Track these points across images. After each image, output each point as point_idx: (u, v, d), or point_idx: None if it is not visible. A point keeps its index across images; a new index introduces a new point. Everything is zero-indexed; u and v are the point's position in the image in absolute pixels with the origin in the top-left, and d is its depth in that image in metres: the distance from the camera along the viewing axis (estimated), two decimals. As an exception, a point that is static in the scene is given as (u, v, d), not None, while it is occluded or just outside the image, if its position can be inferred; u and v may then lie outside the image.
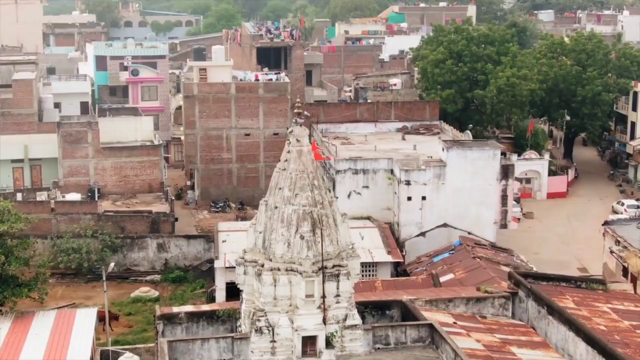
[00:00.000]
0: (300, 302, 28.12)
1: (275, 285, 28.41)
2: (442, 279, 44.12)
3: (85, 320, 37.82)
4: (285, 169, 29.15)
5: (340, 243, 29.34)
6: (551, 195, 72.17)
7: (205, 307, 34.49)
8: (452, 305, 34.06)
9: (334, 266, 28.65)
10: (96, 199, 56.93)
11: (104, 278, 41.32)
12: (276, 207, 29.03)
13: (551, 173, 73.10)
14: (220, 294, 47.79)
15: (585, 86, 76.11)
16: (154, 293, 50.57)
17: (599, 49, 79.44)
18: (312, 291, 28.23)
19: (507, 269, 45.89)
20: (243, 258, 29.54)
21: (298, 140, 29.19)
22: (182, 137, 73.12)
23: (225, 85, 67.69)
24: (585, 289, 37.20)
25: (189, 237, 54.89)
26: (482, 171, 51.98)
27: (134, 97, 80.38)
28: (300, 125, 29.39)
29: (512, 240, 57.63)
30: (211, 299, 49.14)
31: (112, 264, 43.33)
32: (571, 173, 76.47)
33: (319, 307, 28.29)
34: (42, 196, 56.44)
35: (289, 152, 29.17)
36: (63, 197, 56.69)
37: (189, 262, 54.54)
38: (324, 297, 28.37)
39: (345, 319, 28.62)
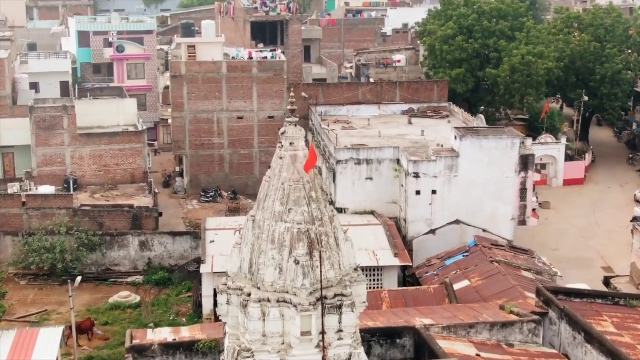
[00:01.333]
0: (295, 341, 23.06)
1: (264, 320, 23.35)
2: (455, 286, 39.21)
3: (48, 341, 32.76)
4: (276, 178, 23.99)
5: (343, 266, 24.27)
6: (567, 182, 67.04)
7: (185, 333, 29.48)
8: (473, 331, 29.09)
9: (335, 295, 23.56)
10: (71, 190, 51.69)
11: (70, 293, 36.24)
12: (265, 225, 23.90)
13: (567, 157, 67.91)
14: (208, 301, 42.85)
15: (605, 64, 70.73)
16: (135, 298, 45.62)
17: (619, 23, 73.81)
18: (309, 327, 23.17)
19: (528, 275, 41.15)
20: (226, 285, 24.46)
21: (292, 143, 23.99)
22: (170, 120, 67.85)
23: (216, 63, 62.25)
24: (624, 306, 32.27)
25: (174, 234, 49.76)
26: (499, 162, 46.81)
27: (119, 75, 75.10)
28: (295, 125, 24.16)
29: (528, 234, 52.69)
30: (198, 304, 44.29)
31: (78, 279, 38.23)
32: (588, 157, 71.28)
33: (317, 345, 23.23)
34: (13, 188, 51.22)
35: (280, 157, 23.99)
36: (36, 188, 51.47)
37: (175, 261, 49.56)
38: (323, 333, 23.29)
39: (349, 359, 23.60)
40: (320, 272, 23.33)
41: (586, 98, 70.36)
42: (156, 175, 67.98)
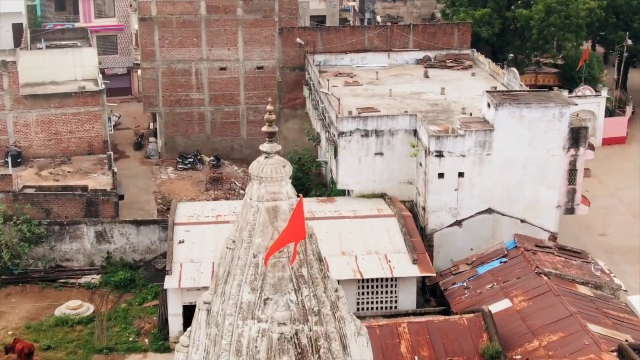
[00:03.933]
0: None
1: None
2: (493, 308, 30.30)
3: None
4: (244, 246, 14.60)
5: (354, 379, 15.09)
6: (607, 141, 57.38)
7: None
8: None
9: None
10: (10, 166, 42.03)
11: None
12: (227, 323, 14.61)
13: (606, 112, 58.10)
14: (175, 321, 33.88)
15: (651, 1, 60.46)
16: (87, 309, 36.51)
17: (668, -49, 63.05)
18: None
19: (586, 291, 32.17)
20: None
21: (271, 189, 14.52)
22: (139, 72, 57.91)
23: (193, 4, 51.88)
24: None
25: (138, 223, 40.29)
26: (543, 137, 37.14)
27: (86, 13, 64.88)
28: (273, 155, 14.64)
29: (570, 215, 43.32)
30: (165, 321, 35.27)
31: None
32: (628, 110, 61.48)
33: None
34: (-59, 164, 41.75)
35: (250, 211, 14.55)
36: (-31, 165, 41.99)
37: (140, 255, 40.38)
38: None
39: None
40: (318, 401, 14.24)
41: (630, 41, 60.10)
42: (127, 133, 58.48)
